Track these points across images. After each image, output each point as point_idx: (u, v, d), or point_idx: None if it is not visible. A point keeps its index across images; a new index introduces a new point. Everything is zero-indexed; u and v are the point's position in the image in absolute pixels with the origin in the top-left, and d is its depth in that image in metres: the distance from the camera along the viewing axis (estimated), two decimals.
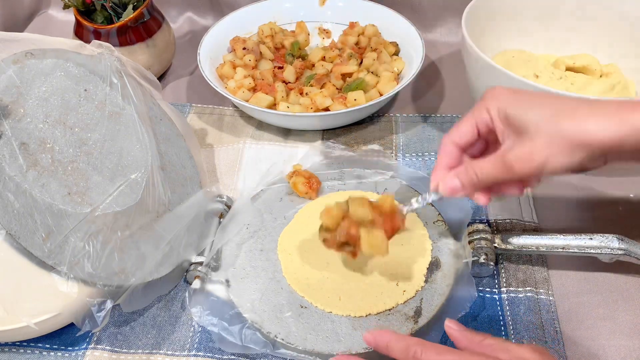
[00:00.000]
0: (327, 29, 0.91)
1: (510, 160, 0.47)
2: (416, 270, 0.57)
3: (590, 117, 0.44)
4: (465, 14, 0.73)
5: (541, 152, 0.45)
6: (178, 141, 0.64)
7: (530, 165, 0.46)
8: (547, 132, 0.45)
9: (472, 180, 0.49)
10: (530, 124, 0.46)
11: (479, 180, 0.49)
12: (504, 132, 0.49)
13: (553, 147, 0.45)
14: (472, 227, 0.59)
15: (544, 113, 0.46)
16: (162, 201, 0.58)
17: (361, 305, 0.55)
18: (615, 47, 0.79)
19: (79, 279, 0.52)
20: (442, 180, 0.51)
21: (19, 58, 0.55)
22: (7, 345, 0.54)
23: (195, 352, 0.54)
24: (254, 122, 0.79)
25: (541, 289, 0.57)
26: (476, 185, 0.50)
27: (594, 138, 0.44)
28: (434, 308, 0.54)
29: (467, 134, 0.51)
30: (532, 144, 0.46)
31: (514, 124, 0.47)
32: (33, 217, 0.51)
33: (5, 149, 0.52)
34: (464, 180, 0.50)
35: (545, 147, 0.45)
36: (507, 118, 0.48)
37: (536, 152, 0.46)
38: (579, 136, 0.44)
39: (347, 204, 0.54)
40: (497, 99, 0.49)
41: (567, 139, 0.45)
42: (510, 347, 0.43)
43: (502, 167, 0.48)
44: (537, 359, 0.42)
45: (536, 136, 0.46)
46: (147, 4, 0.80)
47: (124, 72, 0.60)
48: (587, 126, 0.44)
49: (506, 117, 0.48)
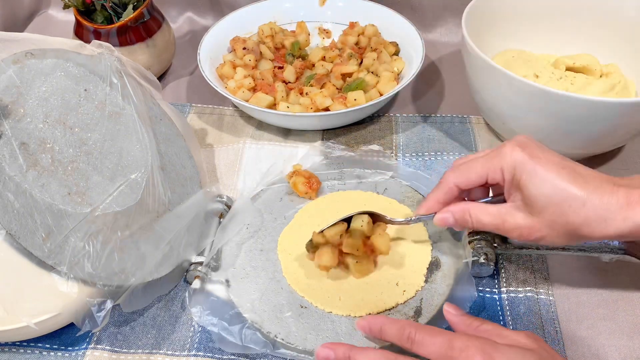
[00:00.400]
0: (327, 29, 0.91)
1: (509, 225, 0.49)
2: (416, 270, 0.58)
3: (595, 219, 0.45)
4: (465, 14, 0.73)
5: (541, 231, 0.48)
6: (178, 141, 0.64)
7: (526, 238, 0.49)
8: (552, 217, 0.47)
9: (465, 223, 0.52)
10: (538, 202, 0.47)
11: (471, 225, 0.52)
12: (511, 192, 0.50)
13: (553, 231, 0.47)
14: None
15: (555, 197, 0.46)
16: (162, 201, 0.58)
17: (361, 305, 0.55)
18: (615, 47, 0.79)
19: (79, 279, 0.52)
20: (437, 210, 0.54)
21: (19, 58, 0.55)
22: (7, 345, 0.54)
23: (195, 352, 0.54)
24: (254, 122, 0.79)
25: (541, 289, 0.57)
26: (470, 227, 0.52)
27: (595, 235, 0.46)
28: (434, 308, 0.54)
29: (474, 183, 0.52)
30: (535, 220, 0.48)
31: (524, 194, 0.48)
32: (33, 217, 0.51)
33: (5, 149, 0.52)
34: (458, 219, 0.52)
35: (545, 227, 0.47)
36: (519, 186, 0.48)
37: (536, 230, 0.48)
38: (581, 232, 0.46)
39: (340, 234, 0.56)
40: (514, 160, 0.48)
41: (570, 230, 0.46)
42: (506, 332, 0.44)
43: (498, 225, 0.50)
44: (532, 344, 0.42)
45: (540, 216, 0.47)
46: (147, 4, 0.80)
47: (124, 72, 0.60)
48: (590, 225, 0.45)
49: (518, 185, 0.48)
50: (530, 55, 0.79)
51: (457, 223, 0.53)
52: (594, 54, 0.78)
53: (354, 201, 0.65)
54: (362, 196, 0.66)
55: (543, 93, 0.61)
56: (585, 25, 0.80)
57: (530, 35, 0.82)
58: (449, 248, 0.59)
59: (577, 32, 0.81)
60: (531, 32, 0.82)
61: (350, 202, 0.64)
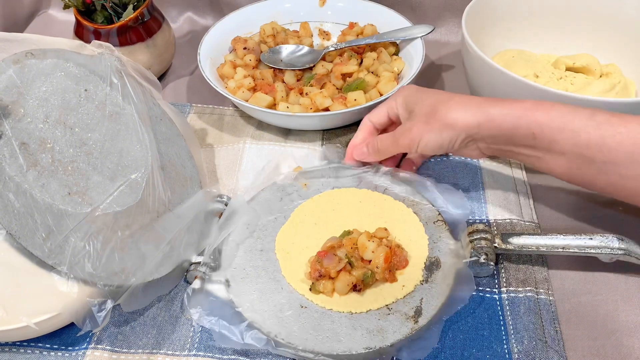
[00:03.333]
0: (326, 31, 0.91)
1: (396, 134, 0.62)
2: (414, 265, 0.58)
3: (458, 107, 0.57)
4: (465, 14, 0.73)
5: (418, 129, 0.59)
6: (178, 141, 0.64)
7: (408, 138, 0.59)
8: (425, 115, 0.59)
9: (375, 148, 0.64)
10: (416, 110, 0.60)
11: (379, 149, 0.64)
12: (404, 117, 0.63)
13: (427, 126, 0.58)
14: (472, 227, 0.59)
15: (428, 102, 0.59)
16: (162, 201, 0.58)
17: (361, 301, 0.55)
18: (615, 47, 0.79)
19: (79, 279, 0.52)
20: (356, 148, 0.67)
21: (19, 58, 0.55)
22: (7, 345, 0.54)
23: (195, 352, 0.54)
24: (254, 122, 0.79)
25: (541, 289, 0.57)
26: (379, 153, 0.64)
27: (457, 122, 0.56)
28: (434, 308, 0.54)
29: (381, 117, 0.66)
30: (413, 123, 0.60)
31: (409, 110, 0.62)
32: (33, 217, 0.51)
33: (5, 149, 0.52)
34: (370, 148, 0.65)
35: (421, 125, 0.59)
36: (406, 107, 0.62)
37: (414, 129, 0.59)
38: (446, 120, 0.57)
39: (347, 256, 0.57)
40: (403, 94, 0.63)
41: (438, 121, 0.57)
42: None
43: (392, 139, 0.62)
44: None
45: (417, 118, 0.59)
46: (147, 4, 0.80)
47: (124, 72, 0.60)
48: (454, 114, 0.56)
49: (405, 106, 0.62)
50: (530, 55, 0.79)
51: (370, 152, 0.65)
52: (594, 54, 0.78)
53: (350, 199, 0.65)
54: (357, 195, 0.65)
55: (543, 93, 0.61)
56: (585, 25, 0.81)
57: (530, 35, 0.82)
58: (449, 248, 0.59)
59: (577, 32, 0.81)
60: (531, 32, 0.82)
61: (346, 201, 0.65)
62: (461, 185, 0.68)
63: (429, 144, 0.58)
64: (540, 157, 0.55)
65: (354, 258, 0.57)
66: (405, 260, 0.58)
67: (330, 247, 0.57)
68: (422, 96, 0.61)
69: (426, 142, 0.58)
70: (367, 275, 0.55)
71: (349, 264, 0.56)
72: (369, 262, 0.56)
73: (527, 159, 0.56)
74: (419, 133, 0.58)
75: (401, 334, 0.52)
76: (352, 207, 0.60)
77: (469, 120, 0.55)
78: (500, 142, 0.56)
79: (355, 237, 0.58)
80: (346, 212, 0.63)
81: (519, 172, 0.70)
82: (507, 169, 0.70)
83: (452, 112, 0.56)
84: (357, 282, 0.55)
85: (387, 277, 0.56)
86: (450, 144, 0.58)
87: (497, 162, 0.71)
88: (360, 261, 0.57)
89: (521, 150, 0.55)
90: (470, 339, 0.53)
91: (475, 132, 0.56)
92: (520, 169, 0.70)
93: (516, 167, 0.70)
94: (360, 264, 0.56)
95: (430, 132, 0.58)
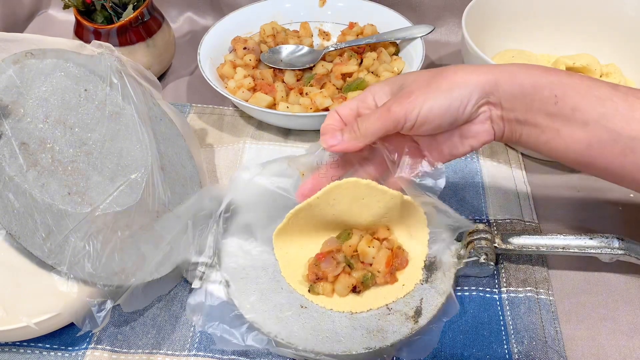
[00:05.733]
0: (326, 31, 0.91)
1: (387, 103, 0.49)
2: (413, 264, 0.57)
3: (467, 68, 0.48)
4: (465, 14, 0.73)
5: (418, 93, 0.47)
6: (178, 141, 0.64)
7: (406, 104, 0.47)
8: (426, 80, 0.48)
9: (353, 130, 0.50)
10: (409, 81, 0.49)
11: (361, 130, 0.50)
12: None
13: (430, 88, 0.47)
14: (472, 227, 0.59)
15: (426, 73, 0.49)
16: (162, 201, 0.58)
17: (361, 301, 0.55)
18: (615, 47, 0.79)
19: (79, 279, 0.52)
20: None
21: (19, 58, 0.55)
22: (7, 345, 0.54)
23: (195, 352, 0.54)
24: (254, 122, 0.79)
25: (541, 289, 0.57)
26: (360, 135, 0.50)
27: (470, 79, 0.47)
28: (434, 308, 0.54)
29: (352, 109, 0.53)
30: (410, 88, 0.48)
31: (396, 89, 0.50)
32: (33, 217, 0.51)
33: (5, 149, 0.52)
34: (347, 132, 0.51)
35: (422, 88, 0.48)
36: (390, 90, 0.51)
37: (413, 93, 0.48)
38: (455, 78, 0.47)
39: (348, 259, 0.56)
40: (380, 85, 0.52)
41: (445, 81, 0.47)
42: None
43: (380, 111, 0.49)
44: None
45: (415, 84, 0.49)
46: (147, 4, 0.80)
47: (124, 72, 0.60)
48: (464, 72, 0.48)
49: (389, 90, 0.51)
50: (530, 55, 0.79)
51: (346, 138, 0.51)
52: (594, 54, 0.78)
53: (351, 196, 0.58)
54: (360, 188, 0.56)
55: None
56: (585, 25, 0.80)
57: (530, 35, 0.82)
58: (449, 248, 0.59)
59: (577, 32, 0.81)
60: (531, 32, 0.82)
61: (347, 198, 0.58)
62: (461, 185, 0.68)
63: (435, 106, 0.47)
64: (558, 129, 0.47)
65: (353, 259, 0.56)
66: (405, 260, 0.58)
67: (329, 251, 0.57)
68: (414, 72, 0.52)
69: (431, 104, 0.47)
70: (367, 277, 0.55)
71: (348, 265, 0.56)
72: (370, 265, 0.56)
73: (543, 136, 0.48)
74: (420, 96, 0.47)
75: (401, 334, 0.52)
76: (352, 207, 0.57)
77: (484, 76, 0.47)
78: (518, 107, 0.47)
79: (354, 242, 0.57)
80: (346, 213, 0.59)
81: (519, 172, 0.70)
82: (507, 169, 0.70)
83: (463, 70, 0.48)
84: (356, 283, 0.55)
85: (388, 280, 0.56)
86: (461, 106, 0.47)
87: (497, 162, 0.71)
88: (360, 263, 0.57)
89: (539, 119, 0.47)
90: (470, 339, 0.53)
91: (492, 89, 0.47)
92: (520, 169, 0.70)
93: (516, 167, 0.70)
94: (360, 265, 0.56)
95: (435, 91, 0.47)
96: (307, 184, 0.55)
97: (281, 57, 0.83)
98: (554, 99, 0.46)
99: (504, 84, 0.47)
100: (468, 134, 0.50)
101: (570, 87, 0.46)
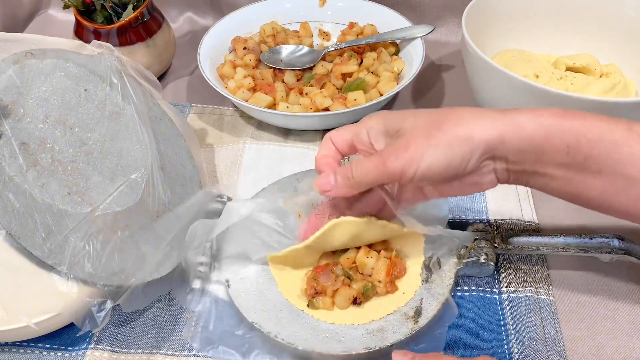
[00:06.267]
0: (326, 31, 0.91)
1: (383, 154, 0.46)
2: (412, 271, 0.57)
3: (472, 116, 0.44)
4: (465, 14, 0.73)
5: (416, 146, 0.44)
6: (178, 141, 0.64)
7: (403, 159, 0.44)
8: (426, 128, 0.45)
9: (347, 177, 0.48)
10: (407, 126, 0.46)
11: (355, 178, 0.47)
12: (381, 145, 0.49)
13: (430, 141, 0.44)
14: (472, 227, 0.59)
15: (425, 116, 0.46)
16: (162, 201, 0.58)
17: (362, 312, 0.54)
18: (615, 47, 0.79)
19: (79, 279, 0.52)
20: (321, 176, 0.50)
21: (19, 58, 0.55)
22: (7, 345, 0.54)
23: (195, 352, 0.54)
24: (254, 122, 0.79)
25: (541, 289, 0.57)
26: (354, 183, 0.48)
27: (474, 133, 0.43)
28: (434, 308, 0.54)
29: (345, 140, 0.51)
30: (407, 138, 0.45)
31: (393, 131, 0.47)
32: (33, 217, 0.51)
33: (5, 149, 0.52)
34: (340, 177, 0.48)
35: (421, 140, 0.44)
36: (387, 129, 0.48)
37: (411, 146, 0.45)
38: (457, 132, 0.44)
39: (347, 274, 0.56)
40: (381, 115, 0.49)
41: (447, 134, 0.44)
42: None
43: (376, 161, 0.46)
44: None
45: (412, 133, 0.45)
46: (147, 4, 0.80)
47: (124, 72, 0.60)
48: (468, 123, 0.44)
49: (386, 128, 0.48)
50: (530, 55, 0.79)
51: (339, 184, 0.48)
52: (594, 54, 0.78)
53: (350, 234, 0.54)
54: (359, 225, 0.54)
55: (543, 93, 0.61)
56: (585, 25, 0.81)
57: (530, 35, 0.82)
58: (449, 248, 0.59)
59: (577, 32, 0.81)
60: (531, 32, 0.82)
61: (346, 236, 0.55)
62: None
63: (434, 164, 0.44)
64: (571, 178, 0.44)
65: (352, 271, 0.56)
66: (404, 268, 0.57)
67: (327, 265, 0.56)
68: (411, 113, 0.48)
69: (430, 161, 0.44)
70: (368, 287, 0.55)
71: (347, 277, 0.55)
72: (369, 276, 0.56)
73: (553, 183, 0.45)
74: (419, 150, 0.44)
75: (401, 334, 0.52)
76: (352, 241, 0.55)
77: (488, 131, 0.43)
78: (526, 160, 0.45)
79: (352, 254, 0.56)
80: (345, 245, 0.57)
81: None
82: None
83: (465, 122, 0.44)
84: (357, 295, 0.55)
85: (389, 290, 0.55)
86: (462, 163, 0.44)
87: None
88: (359, 274, 0.56)
89: (549, 170, 0.45)
90: (470, 339, 0.53)
91: (497, 145, 0.44)
92: None
93: None
94: (359, 277, 0.56)
95: (435, 147, 0.44)
96: (306, 227, 0.54)
97: (281, 57, 0.83)
98: (566, 149, 0.43)
99: (511, 139, 0.44)
100: (470, 182, 0.48)
101: (583, 134, 0.43)
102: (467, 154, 0.44)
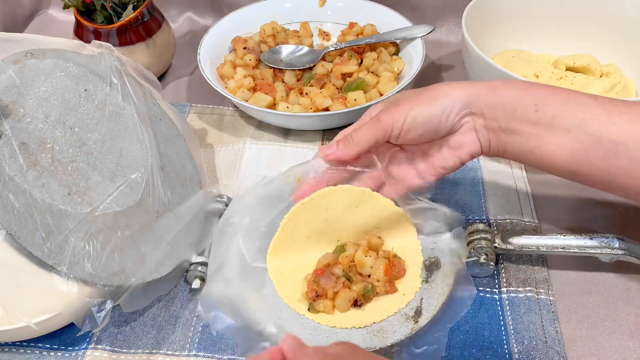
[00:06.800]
0: (326, 31, 0.91)
1: (380, 114, 0.53)
2: (411, 272, 0.57)
3: (452, 83, 0.52)
4: (465, 14, 0.73)
5: (405, 104, 0.52)
6: (178, 141, 0.64)
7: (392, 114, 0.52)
8: (414, 94, 0.53)
9: (346, 140, 0.54)
10: (398, 96, 0.54)
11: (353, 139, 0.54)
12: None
13: (416, 100, 0.52)
14: (472, 227, 0.59)
15: (412, 91, 0.54)
16: (162, 201, 0.58)
17: (363, 315, 0.54)
18: (615, 47, 0.79)
19: (79, 279, 0.52)
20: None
21: (19, 58, 0.55)
22: (7, 345, 0.54)
23: (195, 352, 0.54)
24: (254, 122, 0.79)
25: (541, 289, 0.57)
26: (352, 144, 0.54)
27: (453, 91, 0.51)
28: (434, 308, 0.54)
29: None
30: (399, 101, 0.53)
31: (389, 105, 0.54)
32: (33, 217, 0.51)
33: (5, 149, 0.52)
34: (341, 142, 0.55)
35: (409, 100, 0.52)
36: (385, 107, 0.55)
37: (400, 105, 0.52)
38: (439, 91, 0.52)
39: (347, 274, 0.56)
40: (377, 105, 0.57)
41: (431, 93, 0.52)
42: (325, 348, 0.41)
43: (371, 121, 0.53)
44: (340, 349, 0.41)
45: (403, 98, 0.53)
46: (147, 4, 0.80)
47: (124, 72, 0.60)
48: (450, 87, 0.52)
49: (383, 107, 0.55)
50: (530, 55, 0.79)
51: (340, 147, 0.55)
52: (594, 54, 0.78)
53: (345, 203, 0.57)
54: (354, 195, 0.56)
55: None
56: (585, 25, 0.81)
57: (530, 35, 0.82)
58: (448, 248, 0.59)
59: (577, 32, 0.81)
60: (531, 32, 0.82)
61: (341, 204, 0.57)
62: (461, 185, 0.68)
63: (419, 114, 0.51)
64: (542, 136, 0.49)
65: (352, 272, 0.56)
66: (403, 269, 0.57)
67: (326, 265, 0.56)
68: (406, 91, 0.57)
69: (415, 112, 0.51)
70: (368, 289, 0.55)
71: (347, 279, 0.55)
72: (368, 276, 0.56)
73: (528, 143, 0.50)
74: (406, 106, 0.52)
75: (401, 334, 0.52)
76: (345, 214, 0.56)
77: (467, 89, 0.51)
78: (499, 115, 0.50)
79: (351, 254, 0.56)
80: (339, 221, 0.58)
81: (519, 172, 0.70)
82: (507, 168, 0.70)
83: (447, 86, 0.52)
84: (357, 297, 0.54)
85: (388, 290, 0.56)
86: (444, 115, 0.51)
87: (497, 162, 0.71)
88: (359, 275, 0.56)
89: (522, 127, 0.50)
90: (470, 339, 0.53)
91: (473, 100, 0.51)
92: (520, 169, 0.70)
93: (516, 167, 0.70)
94: (359, 278, 0.56)
95: (420, 104, 0.51)
96: (303, 187, 0.56)
97: (281, 57, 0.83)
98: (534, 107, 0.49)
99: (485, 95, 0.50)
100: (455, 144, 0.53)
101: (549, 96, 0.49)
102: (448, 106, 0.51)
